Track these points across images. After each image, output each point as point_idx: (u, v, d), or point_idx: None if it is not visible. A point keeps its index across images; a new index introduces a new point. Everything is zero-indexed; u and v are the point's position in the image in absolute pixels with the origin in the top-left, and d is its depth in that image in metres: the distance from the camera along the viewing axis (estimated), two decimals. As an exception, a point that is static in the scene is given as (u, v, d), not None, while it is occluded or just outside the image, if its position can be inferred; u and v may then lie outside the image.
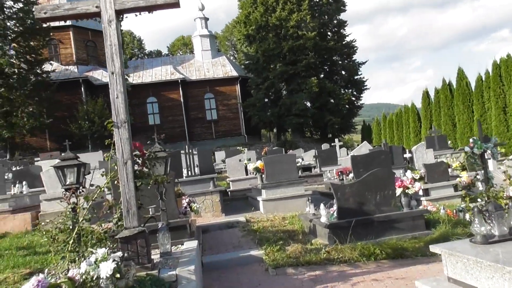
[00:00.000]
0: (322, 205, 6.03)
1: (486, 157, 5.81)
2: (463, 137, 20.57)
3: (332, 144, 20.32)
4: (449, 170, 9.93)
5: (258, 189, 9.16)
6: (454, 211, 6.62)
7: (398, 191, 5.65)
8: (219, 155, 21.14)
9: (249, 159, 12.35)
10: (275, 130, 35.20)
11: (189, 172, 9.07)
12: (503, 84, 18.02)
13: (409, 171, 9.80)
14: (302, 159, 16.59)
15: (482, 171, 5.87)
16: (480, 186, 9.66)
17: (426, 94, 24.55)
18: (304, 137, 33.02)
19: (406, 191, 5.65)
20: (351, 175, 10.17)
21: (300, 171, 13.92)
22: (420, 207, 6.26)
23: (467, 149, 5.83)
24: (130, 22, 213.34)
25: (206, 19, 36.20)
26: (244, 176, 11.58)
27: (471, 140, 5.92)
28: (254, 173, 9.42)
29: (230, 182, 11.85)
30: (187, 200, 6.14)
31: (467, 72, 21.27)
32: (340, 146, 20.09)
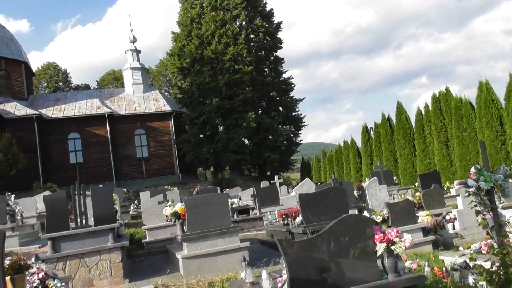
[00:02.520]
0: (264, 273, 3.88)
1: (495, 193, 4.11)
2: (405, 172, 19.84)
3: (272, 181, 18.52)
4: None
5: (179, 241, 6.80)
6: (444, 269, 4.81)
7: (380, 248, 3.67)
8: (145, 195, 18.20)
9: (173, 201, 9.91)
10: (212, 168, 32.85)
11: (79, 221, 6.49)
12: (443, 117, 17.62)
13: (365, 212, 8.08)
14: (240, 199, 14.48)
15: (491, 214, 4.14)
16: (449, 229, 8.17)
17: (365, 129, 23.99)
18: (242, 175, 31.05)
19: (392, 247, 3.68)
20: (299, 218, 8.20)
21: (235, 214, 11.75)
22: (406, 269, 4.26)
23: (470, 182, 4.07)
24: (56, 55, 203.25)
25: (138, 51, 34.11)
26: (164, 223, 9.09)
27: (472, 169, 4.18)
28: (173, 220, 7.08)
29: (147, 231, 9.28)
30: (40, 275, 3.66)
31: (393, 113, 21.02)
32: (280, 184, 18.35)
